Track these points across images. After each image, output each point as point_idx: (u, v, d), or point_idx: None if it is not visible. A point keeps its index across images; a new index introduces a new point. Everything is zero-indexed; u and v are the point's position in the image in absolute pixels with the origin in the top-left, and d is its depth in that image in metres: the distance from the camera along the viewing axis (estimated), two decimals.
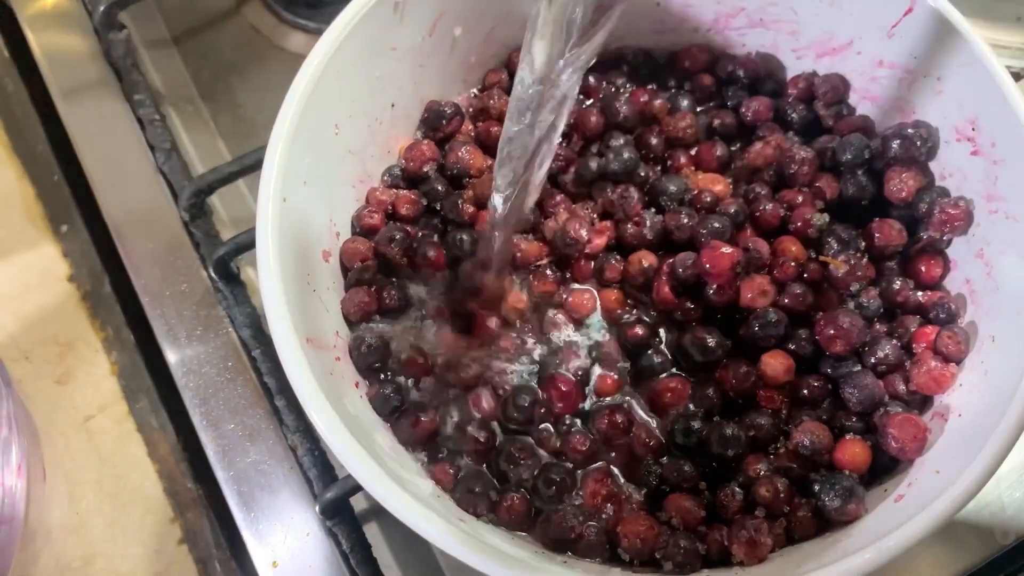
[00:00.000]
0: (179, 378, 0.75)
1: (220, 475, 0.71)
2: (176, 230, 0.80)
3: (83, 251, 0.85)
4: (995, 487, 0.69)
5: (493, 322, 0.62)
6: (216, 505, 0.73)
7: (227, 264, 0.74)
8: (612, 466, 0.59)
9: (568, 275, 0.64)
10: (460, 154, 0.66)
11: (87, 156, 0.84)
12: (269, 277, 0.52)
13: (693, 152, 0.68)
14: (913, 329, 0.59)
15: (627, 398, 0.60)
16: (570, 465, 0.58)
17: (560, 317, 0.63)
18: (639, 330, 0.61)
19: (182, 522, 0.75)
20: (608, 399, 0.61)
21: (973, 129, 0.59)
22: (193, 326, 0.77)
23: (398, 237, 0.62)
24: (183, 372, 0.75)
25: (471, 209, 0.65)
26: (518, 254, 0.62)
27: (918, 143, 0.60)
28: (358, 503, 0.67)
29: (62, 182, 0.88)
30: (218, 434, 0.73)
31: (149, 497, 0.75)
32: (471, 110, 0.71)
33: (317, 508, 0.67)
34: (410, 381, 0.61)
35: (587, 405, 0.61)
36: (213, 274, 0.76)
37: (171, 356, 0.75)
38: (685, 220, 0.62)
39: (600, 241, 0.63)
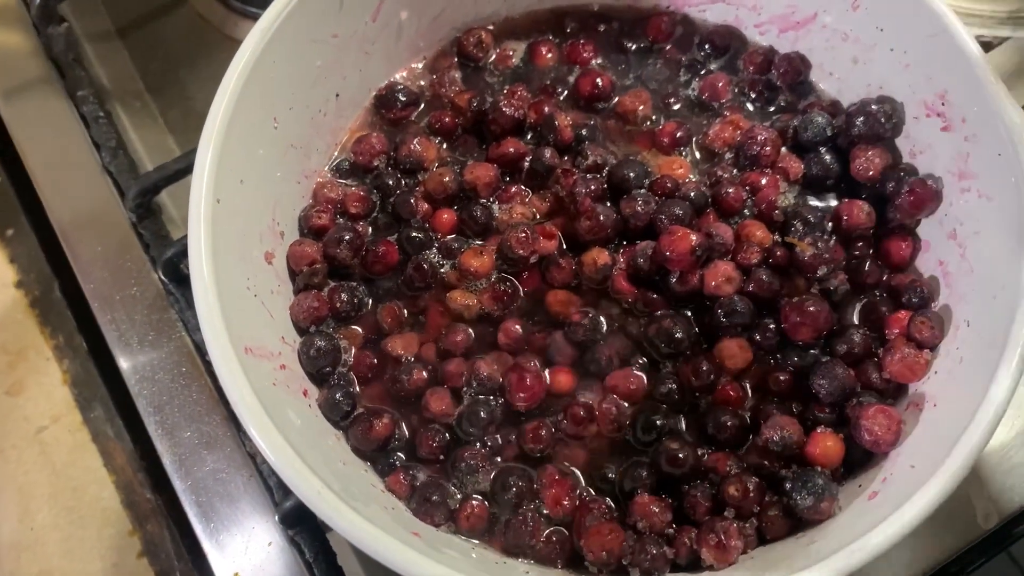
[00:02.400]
0: (132, 385, 0.72)
1: (178, 485, 0.69)
2: (125, 231, 0.77)
3: (30, 255, 0.82)
4: (977, 471, 0.67)
5: (446, 318, 0.60)
6: (176, 515, 0.71)
7: (176, 266, 0.71)
8: (574, 468, 0.56)
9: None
10: (412, 147, 0.63)
11: (30, 156, 0.81)
12: (202, 287, 0.49)
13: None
14: (887, 314, 0.57)
15: (585, 392, 0.58)
16: (529, 470, 0.55)
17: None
18: (585, 322, 0.58)
19: (141, 534, 0.72)
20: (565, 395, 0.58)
21: (943, 104, 0.56)
22: (145, 331, 0.74)
23: (347, 238, 0.59)
24: (136, 379, 0.73)
25: (424, 206, 0.62)
26: (471, 271, 0.60)
27: (882, 119, 0.58)
28: None
29: (6, 184, 0.85)
30: (174, 442, 0.70)
31: (107, 509, 0.73)
32: (427, 95, 0.68)
33: (277, 517, 0.64)
34: (361, 386, 0.58)
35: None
36: (163, 276, 0.73)
37: (123, 363, 0.73)
38: (641, 207, 0.59)
39: (550, 244, 0.60)
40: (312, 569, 0.63)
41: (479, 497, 0.55)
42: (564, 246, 0.61)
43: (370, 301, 0.61)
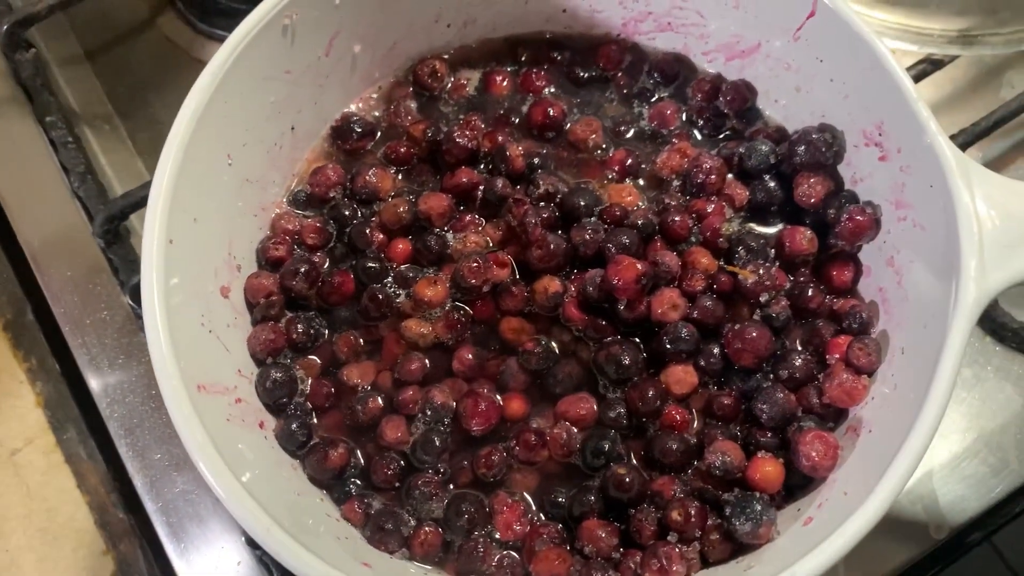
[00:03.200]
0: (103, 408, 0.74)
1: (149, 506, 0.70)
2: (95, 255, 0.78)
3: (2, 279, 0.83)
4: (928, 482, 0.69)
5: (401, 346, 0.61)
6: (148, 535, 0.72)
7: None
8: (526, 493, 0.58)
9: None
10: (368, 177, 0.64)
11: (1, 180, 0.82)
12: (154, 329, 0.50)
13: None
14: (828, 338, 0.59)
15: (537, 418, 0.59)
16: (481, 496, 0.57)
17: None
18: (538, 350, 0.60)
19: (115, 554, 0.74)
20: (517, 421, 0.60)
21: (880, 134, 0.57)
22: (115, 354, 0.75)
23: (304, 270, 0.61)
24: (107, 402, 0.74)
25: (380, 236, 0.63)
26: (425, 300, 0.61)
27: (823, 148, 0.59)
28: None
29: None
30: (145, 464, 0.72)
31: (80, 530, 0.74)
32: (383, 124, 0.69)
33: (244, 539, 0.66)
34: (317, 415, 0.59)
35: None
36: (131, 301, 0.74)
37: (95, 385, 0.74)
38: (589, 235, 0.60)
39: (502, 273, 0.61)
40: None
41: (432, 524, 0.56)
42: (517, 274, 0.63)
43: (327, 331, 0.62)
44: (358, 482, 0.58)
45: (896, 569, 0.67)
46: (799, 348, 0.59)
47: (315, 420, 0.59)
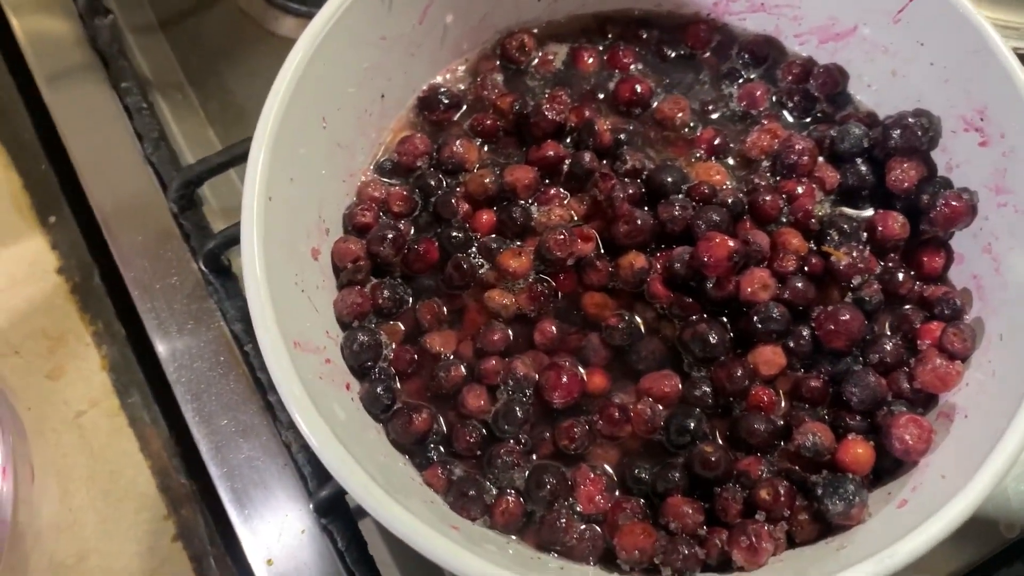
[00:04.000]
0: (170, 373, 0.74)
1: (213, 471, 0.70)
2: (166, 221, 0.79)
3: (72, 242, 0.84)
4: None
5: (484, 316, 0.61)
6: (210, 501, 0.73)
7: (218, 257, 0.73)
8: (608, 467, 0.57)
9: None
10: (455, 148, 0.64)
11: (74, 145, 0.83)
12: (255, 283, 0.50)
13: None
14: (918, 325, 0.58)
15: (619, 394, 0.59)
16: (563, 468, 0.57)
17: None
18: (621, 325, 0.59)
19: (176, 519, 0.74)
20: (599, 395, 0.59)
21: (981, 119, 0.57)
22: (184, 319, 0.76)
23: (390, 236, 0.61)
24: (174, 367, 0.74)
25: (465, 206, 0.63)
26: (509, 271, 0.61)
27: (919, 132, 0.59)
28: (353, 500, 0.66)
29: (49, 172, 0.87)
30: (211, 430, 0.72)
31: (142, 494, 0.75)
32: (469, 97, 0.69)
33: (311, 505, 0.66)
34: (401, 381, 0.59)
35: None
36: (203, 267, 0.75)
37: (162, 350, 0.74)
38: (678, 212, 0.60)
39: (587, 247, 0.61)
40: (344, 557, 0.65)
41: (513, 493, 0.56)
42: (601, 249, 0.62)
43: (410, 298, 0.62)
44: (440, 449, 0.58)
45: (964, 568, 0.66)
46: (888, 333, 0.59)
47: (398, 385, 0.59)
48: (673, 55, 0.69)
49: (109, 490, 0.74)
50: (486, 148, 0.67)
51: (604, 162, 0.64)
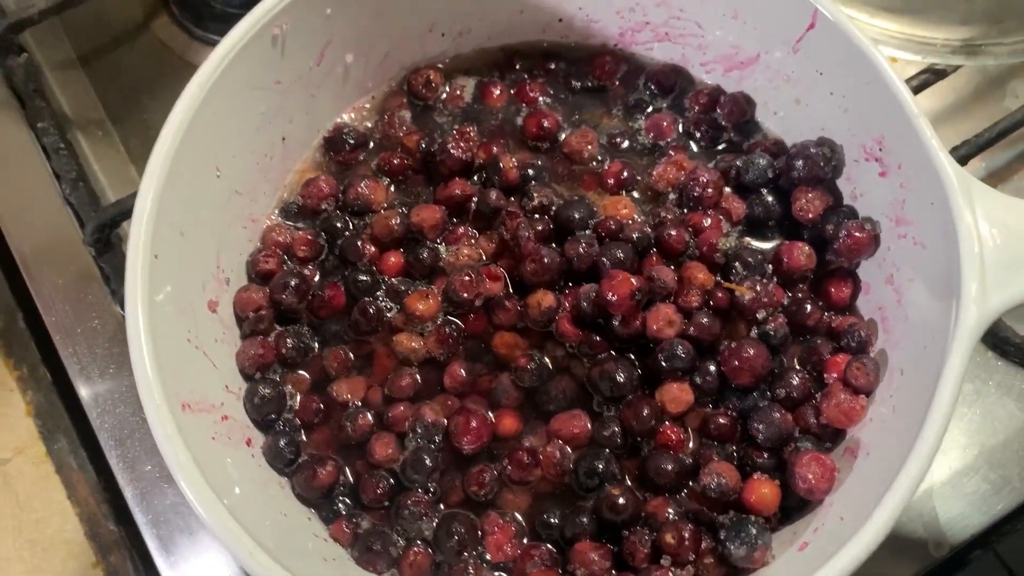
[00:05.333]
0: (94, 418, 0.73)
1: (139, 518, 0.69)
2: (87, 263, 0.78)
3: None
4: (928, 499, 0.68)
5: (393, 361, 0.60)
6: (139, 547, 0.72)
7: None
8: (517, 513, 0.57)
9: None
10: (360, 189, 0.64)
11: None
12: (138, 349, 0.49)
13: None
14: (826, 357, 0.58)
15: (529, 436, 0.58)
16: (472, 516, 0.56)
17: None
18: (531, 366, 0.59)
19: (105, 566, 0.73)
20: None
21: (880, 149, 0.56)
22: (106, 363, 0.75)
23: (293, 284, 0.60)
24: (97, 412, 0.73)
25: (372, 248, 0.62)
26: (416, 314, 0.60)
27: (821, 163, 0.58)
28: None
29: None
30: (135, 476, 0.71)
31: (70, 541, 0.74)
32: (376, 135, 0.68)
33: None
34: (306, 432, 0.58)
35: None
36: (122, 311, 0.73)
37: (85, 395, 0.73)
38: (583, 249, 0.59)
39: (495, 286, 0.60)
40: None
41: (421, 544, 0.55)
42: (510, 288, 0.62)
43: (317, 345, 0.61)
44: (347, 501, 0.57)
45: None
46: (796, 367, 0.59)
47: (304, 437, 0.59)
48: (581, 87, 0.69)
49: (35, 539, 0.73)
50: (393, 188, 0.66)
51: (512, 199, 0.64)
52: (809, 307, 0.59)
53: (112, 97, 0.88)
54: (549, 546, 0.55)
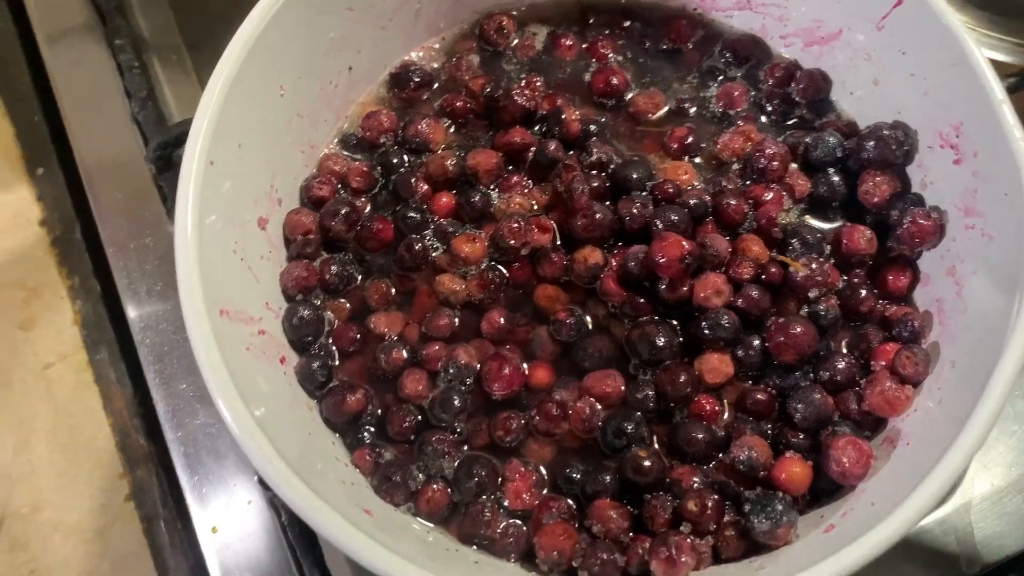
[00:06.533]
0: (136, 333, 0.74)
1: (169, 435, 0.70)
2: (146, 181, 0.79)
3: (57, 196, 0.84)
4: (965, 514, 0.66)
5: (433, 301, 0.60)
6: (166, 463, 0.73)
7: None
8: (540, 464, 0.56)
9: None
10: (420, 127, 0.63)
11: (65, 99, 0.83)
12: (183, 247, 0.50)
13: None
14: (875, 344, 0.56)
15: (561, 390, 0.57)
16: (494, 461, 0.55)
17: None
18: (570, 321, 0.58)
19: (131, 478, 0.74)
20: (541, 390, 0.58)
21: (957, 136, 0.54)
22: (154, 281, 0.76)
23: (344, 212, 0.60)
24: (141, 327, 0.74)
25: (424, 187, 0.62)
26: (461, 256, 0.59)
27: (893, 146, 0.56)
28: None
29: (42, 124, 0.87)
30: (170, 393, 0.72)
31: (101, 450, 0.75)
32: (442, 76, 0.67)
33: (257, 478, 0.66)
34: (340, 359, 0.58)
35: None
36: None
37: (131, 310, 0.74)
38: (636, 209, 0.58)
39: (543, 238, 0.60)
40: (287, 531, 0.64)
41: (441, 482, 0.55)
42: (558, 241, 0.61)
43: (360, 276, 0.61)
44: (372, 430, 0.57)
45: None
46: (843, 351, 0.57)
47: (337, 363, 0.58)
48: (654, 48, 0.67)
49: (68, 444, 0.75)
50: (454, 130, 0.65)
51: (571, 152, 0.63)
52: (863, 292, 0.57)
53: (190, 24, 0.89)
54: (568, 500, 0.54)
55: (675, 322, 0.58)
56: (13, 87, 0.88)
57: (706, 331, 0.56)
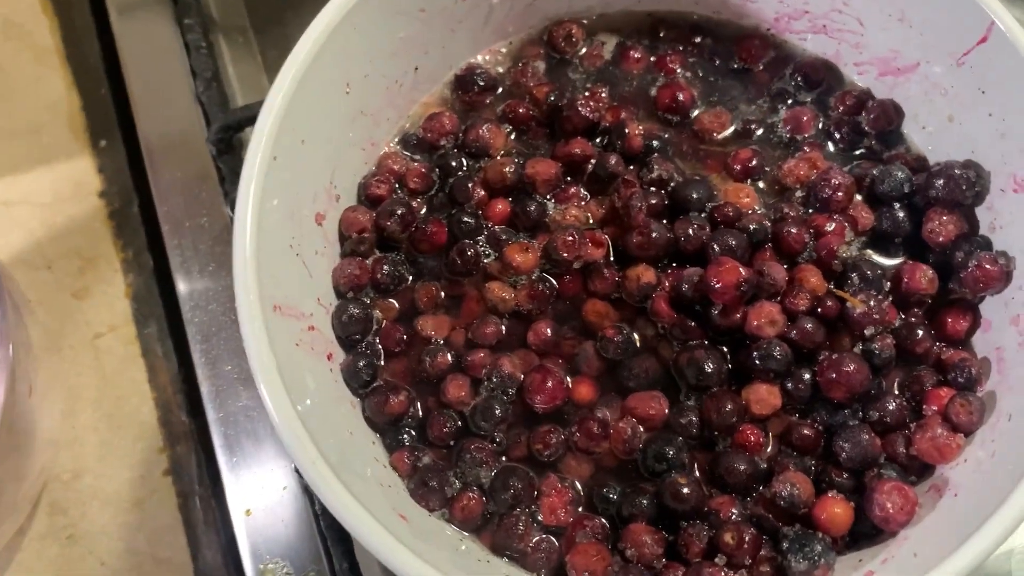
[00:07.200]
0: (185, 311, 0.75)
1: (210, 414, 0.71)
2: (205, 161, 0.80)
3: (117, 168, 0.85)
4: (1006, 562, 0.64)
5: (481, 307, 0.60)
6: (205, 442, 0.74)
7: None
8: (577, 481, 0.56)
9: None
10: (481, 131, 0.63)
11: (132, 74, 0.84)
12: (242, 241, 0.50)
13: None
14: (928, 387, 0.55)
15: (603, 408, 0.57)
16: (532, 473, 0.55)
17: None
18: (618, 338, 0.57)
19: (170, 453, 0.75)
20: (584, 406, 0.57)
21: None
22: (207, 261, 0.77)
23: (400, 212, 0.60)
24: (190, 306, 0.75)
25: (481, 193, 0.62)
26: (513, 264, 0.59)
27: (964, 186, 0.55)
28: None
29: (108, 97, 0.88)
30: (214, 373, 0.73)
31: (143, 424, 0.76)
32: (507, 81, 0.67)
33: (293, 465, 0.66)
34: (386, 359, 0.59)
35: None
36: (231, 212, 0.75)
37: (181, 288, 0.75)
38: (693, 231, 0.57)
39: (596, 252, 0.59)
40: (319, 520, 0.65)
41: (477, 490, 0.55)
42: (612, 257, 0.60)
43: (411, 277, 0.61)
44: (412, 433, 0.57)
45: None
46: (895, 392, 0.56)
47: (382, 363, 0.59)
48: (724, 66, 0.66)
49: (113, 414, 0.76)
50: (514, 136, 0.65)
51: (631, 168, 0.62)
52: (920, 333, 0.56)
53: (258, 6, 0.90)
54: (603, 520, 0.54)
55: (725, 348, 0.57)
56: (84, 59, 0.89)
57: (757, 361, 0.55)
